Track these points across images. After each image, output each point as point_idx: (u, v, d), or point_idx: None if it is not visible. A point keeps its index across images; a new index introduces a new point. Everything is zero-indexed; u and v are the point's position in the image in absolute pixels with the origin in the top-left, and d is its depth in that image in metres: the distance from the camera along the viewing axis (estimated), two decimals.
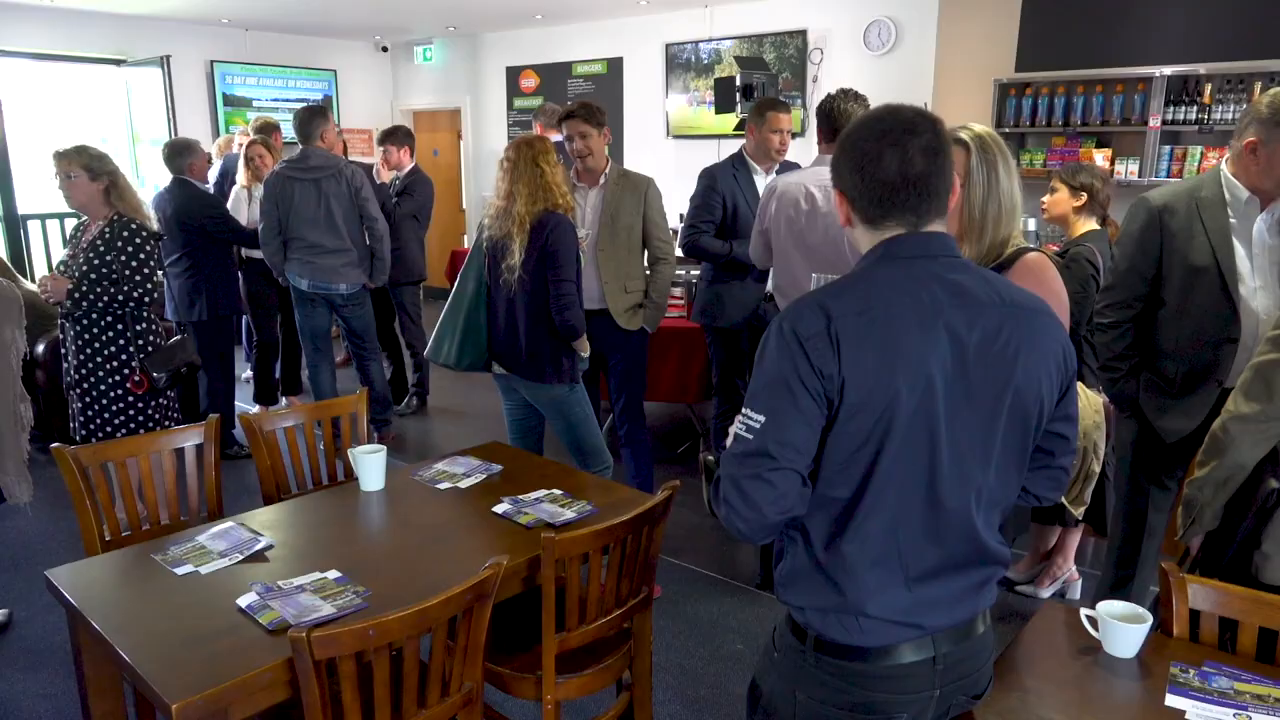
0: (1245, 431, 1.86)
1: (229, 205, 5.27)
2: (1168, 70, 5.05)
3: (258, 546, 2.05)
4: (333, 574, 1.93)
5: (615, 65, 8.14)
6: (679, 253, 4.05)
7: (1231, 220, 2.33)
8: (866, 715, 1.36)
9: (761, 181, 3.77)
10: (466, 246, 8.88)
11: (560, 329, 2.99)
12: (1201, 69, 4.99)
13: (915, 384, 1.24)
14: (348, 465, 2.59)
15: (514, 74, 8.92)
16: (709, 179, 3.86)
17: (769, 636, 1.50)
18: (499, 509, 2.29)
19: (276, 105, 8.70)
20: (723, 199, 3.80)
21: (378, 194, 4.95)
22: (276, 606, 1.77)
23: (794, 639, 1.41)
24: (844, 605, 1.33)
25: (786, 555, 1.39)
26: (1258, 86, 4.82)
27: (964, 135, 1.82)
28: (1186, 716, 1.44)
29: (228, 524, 2.18)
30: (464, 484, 2.48)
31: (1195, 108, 5.04)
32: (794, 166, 3.74)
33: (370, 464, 2.42)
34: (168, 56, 7.76)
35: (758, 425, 1.27)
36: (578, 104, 3.49)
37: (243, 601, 1.79)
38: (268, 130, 5.56)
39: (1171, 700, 1.48)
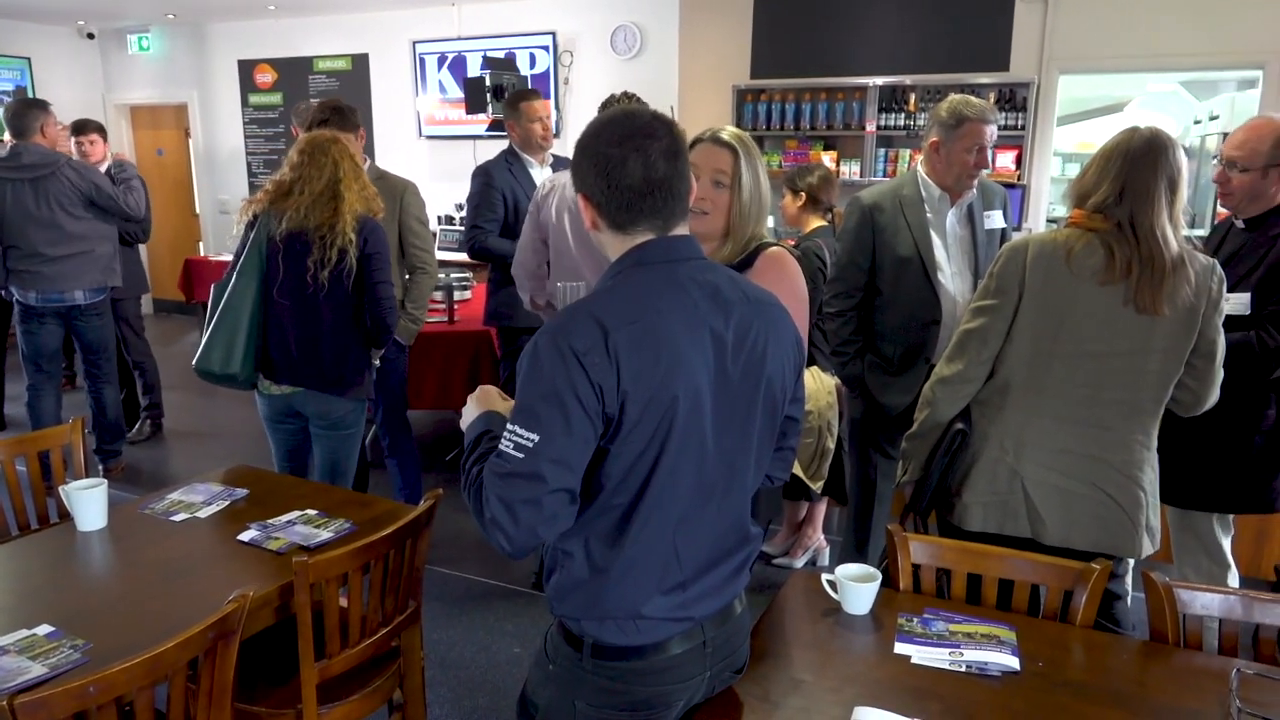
0: (945, 393, 2.10)
1: None
2: (880, 81, 5.62)
3: None
4: (43, 629, 1.70)
5: (361, 62, 7.81)
6: (464, 256, 3.90)
7: (928, 215, 2.64)
8: (647, 711, 1.39)
9: (538, 174, 3.71)
10: (202, 254, 8.17)
11: (380, 331, 2.85)
12: (908, 80, 5.59)
13: (689, 389, 1.27)
14: (61, 505, 2.29)
15: (248, 68, 8.30)
16: (485, 176, 3.72)
17: (540, 649, 1.48)
18: (245, 537, 2.13)
19: None
20: (503, 195, 3.69)
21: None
22: None
23: (569, 649, 1.39)
24: (622, 610, 1.33)
25: (559, 568, 1.38)
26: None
27: (727, 138, 1.86)
28: (912, 660, 1.61)
29: None
30: (203, 513, 2.28)
31: (903, 115, 5.65)
32: (566, 161, 3.74)
33: (86, 500, 2.15)
34: None
35: (529, 444, 1.23)
36: (330, 109, 3.30)
37: None
38: None
39: (899, 648, 1.64)
